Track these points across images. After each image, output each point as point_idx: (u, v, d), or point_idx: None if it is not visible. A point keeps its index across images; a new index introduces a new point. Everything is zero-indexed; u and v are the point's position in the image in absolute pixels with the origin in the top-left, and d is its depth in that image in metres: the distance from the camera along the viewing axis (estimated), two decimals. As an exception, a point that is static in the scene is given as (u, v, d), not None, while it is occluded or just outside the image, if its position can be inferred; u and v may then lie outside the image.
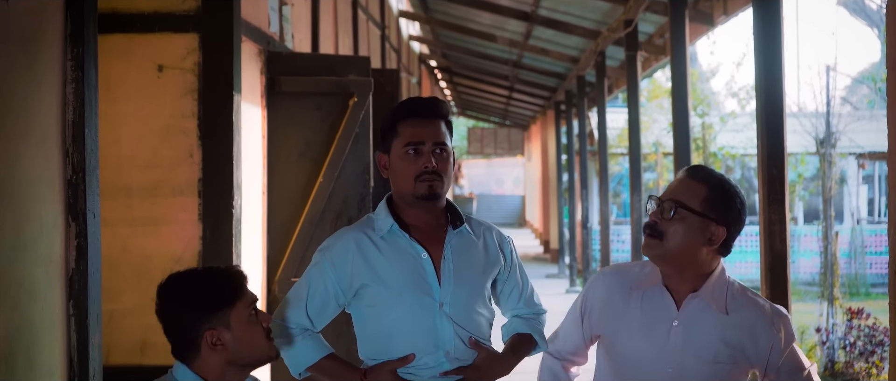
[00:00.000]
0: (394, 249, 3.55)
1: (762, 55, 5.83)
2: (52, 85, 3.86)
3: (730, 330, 3.58)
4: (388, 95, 8.26)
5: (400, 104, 3.60)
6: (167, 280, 3.23)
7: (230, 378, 3.26)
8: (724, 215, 3.53)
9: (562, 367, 3.89)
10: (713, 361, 3.56)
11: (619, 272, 3.76)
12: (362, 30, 12.67)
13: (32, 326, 3.68)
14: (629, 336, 3.65)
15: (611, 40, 13.14)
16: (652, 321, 3.62)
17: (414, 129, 3.50)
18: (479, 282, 3.63)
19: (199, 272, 3.29)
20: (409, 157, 3.48)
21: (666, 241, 3.53)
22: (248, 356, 3.24)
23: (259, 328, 3.25)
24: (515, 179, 48.16)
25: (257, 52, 7.00)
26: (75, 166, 3.94)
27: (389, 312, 3.53)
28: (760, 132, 5.89)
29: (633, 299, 3.66)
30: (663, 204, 3.54)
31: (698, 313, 3.59)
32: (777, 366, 3.61)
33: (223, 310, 3.20)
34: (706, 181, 3.55)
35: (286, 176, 7.24)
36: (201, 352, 3.20)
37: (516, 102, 28.28)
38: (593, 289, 3.79)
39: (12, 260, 3.56)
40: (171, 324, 3.23)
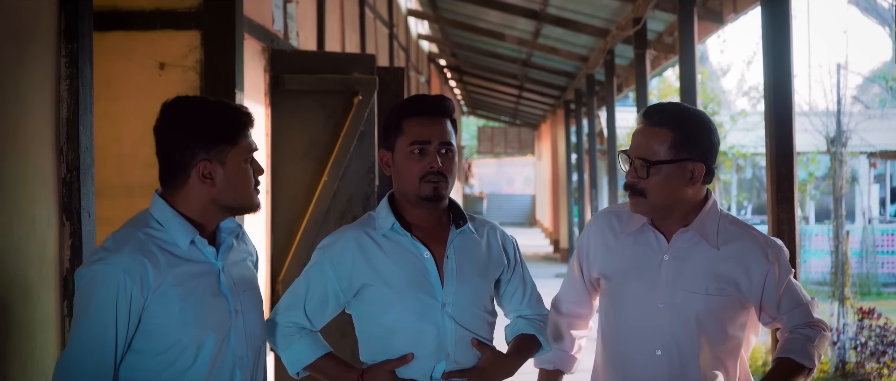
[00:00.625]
0: (395, 248, 3.49)
1: (771, 53, 5.76)
2: (45, 81, 3.79)
3: (721, 263, 3.55)
4: (394, 94, 8.18)
5: (405, 101, 3.52)
6: (175, 100, 3.19)
7: (209, 216, 3.20)
8: (697, 150, 3.49)
9: (567, 324, 3.89)
10: (704, 294, 3.53)
11: (612, 213, 3.77)
12: (370, 28, 12.60)
13: (25, 327, 3.62)
14: (623, 275, 3.65)
15: (620, 38, 13.07)
16: (643, 257, 3.61)
17: (420, 128, 3.43)
18: (481, 282, 3.56)
19: (209, 102, 3.24)
20: (414, 156, 3.41)
21: (649, 197, 3.52)
22: (233, 200, 3.19)
23: (250, 175, 3.21)
24: (525, 179, 48.10)
25: (260, 50, 6.94)
26: (70, 165, 3.88)
27: (390, 312, 3.46)
28: (769, 131, 5.82)
29: (625, 238, 3.66)
30: (634, 163, 3.50)
31: (689, 248, 3.57)
32: (774, 300, 3.56)
33: (223, 146, 3.15)
34: (668, 124, 3.50)
35: (290, 175, 7.18)
36: (188, 182, 3.16)
37: (526, 102, 28.23)
38: (588, 232, 3.80)
39: (3, 260, 3.49)
40: (168, 145, 3.16)
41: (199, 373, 3.13)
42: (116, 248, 3.05)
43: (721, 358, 3.58)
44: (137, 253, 3.04)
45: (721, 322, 3.55)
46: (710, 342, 3.55)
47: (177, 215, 3.15)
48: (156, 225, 3.15)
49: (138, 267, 3.03)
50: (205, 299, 3.15)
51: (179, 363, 3.10)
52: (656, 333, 3.57)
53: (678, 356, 3.56)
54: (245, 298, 3.30)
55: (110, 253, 3.03)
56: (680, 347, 3.55)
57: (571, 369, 3.92)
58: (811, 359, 3.51)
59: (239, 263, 3.33)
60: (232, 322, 3.22)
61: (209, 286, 3.18)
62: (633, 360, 3.64)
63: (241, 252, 3.38)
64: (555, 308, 3.93)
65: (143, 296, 3.04)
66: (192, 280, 3.13)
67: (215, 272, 3.21)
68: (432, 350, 3.45)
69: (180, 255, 3.14)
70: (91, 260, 3.06)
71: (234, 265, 3.30)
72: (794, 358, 3.52)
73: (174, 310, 3.08)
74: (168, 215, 3.15)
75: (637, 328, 3.62)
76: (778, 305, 3.57)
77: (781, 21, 5.80)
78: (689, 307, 3.54)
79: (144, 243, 3.08)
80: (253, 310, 3.33)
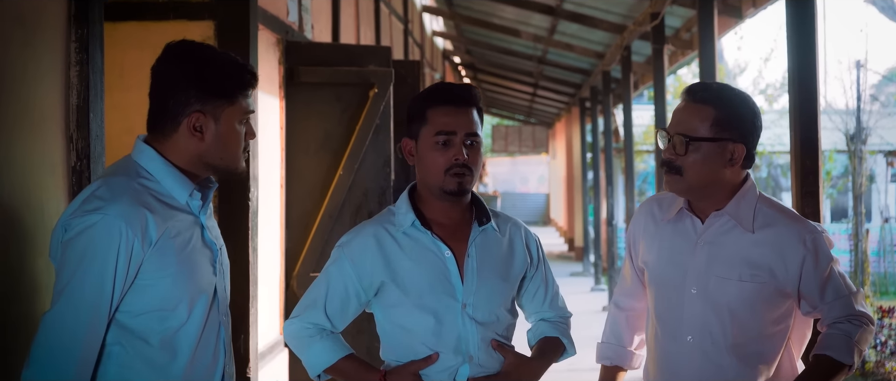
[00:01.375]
0: (415, 246, 3.38)
1: (796, 43, 5.64)
2: (55, 66, 3.69)
3: (755, 248, 3.43)
4: (410, 87, 8.09)
5: (431, 89, 3.40)
6: (182, 42, 3.07)
7: (195, 170, 3.08)
8: (738, 131, 3.40)
9: (625, 319, 3.82)
10: (737, 280, 3.42)
11: (654, 200, 3.70)
12: (385, 23, 12.51)
13: (33, 319, 3.51)
14: (659, 261, 3.58)
15: (637, 34, 12.95)
16: (679, 243, 3.53)
17: (446, 117, 3.32)
18: (504, 282, 3.46)
19: (216, 52, 3.11)
20: (439, 147, 3.31)
21: (686, 175, 3.42)
22: (220, 159, 3.08)
23: (241, 137, 3.10)
24: (540, 178, 48.02)
25: (275, 42, 6.85)
26: (80, 153, 3.78)
27: (409, 312, 3.37)
28: (794, 124, 5.70)
29: (665, 224, 3.58)
30: (673, 139, 3.40)
31: (724, 233, 3.47)
32: (813, 289, 3.41)
33: (220, 101, 3.03)
34: (711, 101, 3.41)
35: (305, 168, 7.09)
36: (178, 131, 3.03)
37: (541, 100, 28.13)
38: (634, 220, 3.74)
39: (9, 250, 3.39)
40: (163, 87, 3.05)
41: (192, 331, 3.04)
42: (113, 197, 2.90)
43: (759, 350, 3.45)
44: (137, 204, 2.91)
45: (756, 311, 3.43)
46: (744, 332, 3.44)
47: (170, 166, 3.02)
48: (147, 175, 3.01)
49: (140, 218, 2.90)
50: (196, 255, 3.06)
51: (171, 321, 2.99)
52: (689, 319, 3.49)
53: (710, 343, 3.46)
54: (222, 257, 3.23)
55: (107, 202, 2.88)
56: (712, 334, 3.46)
57: (632, 364, 3.84)
58: (850, 355, 3.37)
59: (210, 217, 3.23)
60: (216, 280, 3.15)
61: (198, 241, 3.08)
62: (666, 346, 3.57)
63: (211, 208, 3.27)
64: (614, 304, 3.88)
65: (143, 250, 2.91)
66: (185, 233, 3.03)
67: (200, 226, 3.11)
68: (453, 352, 3.35)
69: (175, 206, 3.02)
70: (83, 209, 2.89)
71: (209, 219, 3.20)
72: (831, 355, 3.37)
73: (171, 265, 2.97)
74: (159, 166, 3.02)
75: (671, 314, 3.54)
76: (818, 294, 3.42)
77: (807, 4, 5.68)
78: (722, 294, 3.44)
79: (141, 193, 2.95)
80: (227, 271, 3.27)
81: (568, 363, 4.15)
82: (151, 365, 2.99)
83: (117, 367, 2.96)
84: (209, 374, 3.13)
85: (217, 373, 3.16)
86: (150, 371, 2.98)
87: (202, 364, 3.10)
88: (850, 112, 12.90)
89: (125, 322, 2.96)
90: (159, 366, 3.00)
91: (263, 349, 6.37)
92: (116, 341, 2.95)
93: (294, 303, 6.83)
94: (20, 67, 3.46)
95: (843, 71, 21.59)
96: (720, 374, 3.45)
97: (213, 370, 3.14)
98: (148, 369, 2.98)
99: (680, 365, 3.52)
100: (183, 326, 3.03)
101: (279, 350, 6.84)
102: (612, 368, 3.84)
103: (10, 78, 3.41)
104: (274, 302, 6.84)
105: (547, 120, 34.95)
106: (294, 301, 6.88)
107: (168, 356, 3.01)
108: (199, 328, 3.07)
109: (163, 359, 3.00)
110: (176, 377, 3.02)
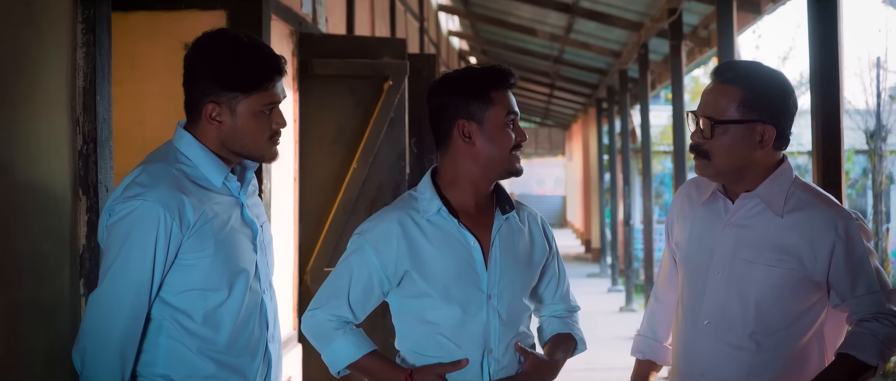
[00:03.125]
0: (440, 234, 3.29)
1: (817, 27, 5.55)
2: (60, 48, 3.61)
3: (784, 233, 3.29)
4: (425, 81, 7.97)
5: (488, 70, 3.33)
6: (210, 33, 3.16)
7: (224, 154, 3.18)
8: (768, 111, 3.26)
9: (662, 311, 3.72)
10: (764, 265, 3.29)
11: (693, 182, 3.59)
12: (400, 20, 12.44)
13: (38, 305, 3.45)
14: (689, 242, 3.48)
15: (654, 31, 12.86)
16: (709, 224, 3.42)
17: (512, 100, 3.31)
18: (526, 273, 3.39)
19: (240, 43, 3.16)
20: (509, 128, 3.28)
21: (714, 159, 3.30)
22: (241, 147, 3.17)
23: (266, 126, 3.16)
24: (556, 180, 47.99)
25: (289, 33, 6.78)
26: (86, 136, 3.70)
27: (435, 304, 3.27)
28: (815, 115, 5.61)
29: (699, 206, 3.48)
30: (700, 122, 3.29)
31: (753, 216, 3.34)
32: (842, 280, 3.25)
33: (234, 93, 3.10)
34: (737, 81, 3.28)
35: (318, 162, 7.03)
36: (201, 118, 3.14)
37: (557, 101, 28.07)
38: (672, 204, 3.66)
39: (13, 234, 3.31)
40: (186, 76, 3.17)
41: (234, 307, 3.17)
42: (152, 183, 3.04)
43: (779, 340, 3.31)
44: (175, 189, 3.04)
45: (780, 299, 3.29)
46: (765, 319, 3.30)
47: (206, 151, 3.14)
48: (185, 160, 3.14)
49: (177, 203, 3.04)
50: (235, 235, 3.17)
51: (213, 298, 3.13)
52: (709, 302, 3.37)
53: (727, 328, 3.34)
54: (264, 234, 3.33)
55: (146, 189, 3.02)
56: (730, 320, 3.34)
57: (666, 359, 3.71)
58: (875, 356, 3.19)
59: (252, 194, 3.36)
60: (257, 257, 3.25)
61: (237, 220, 3.20)
62: (682, 328, 3.47)
63: (254, 186, 3.40)
64: (653, 295, 3.78)
65: (181, 233, 3.05)
66: (223, 215, 3.15)
67: (240, 205, 3.23)
68: (476, 345, 3.27)
69: (212, 189, 3.14)
70: (125, 195, 3.03)
71: (249, 197, 3.31)
72: (855, 355, 3.21)
73: (209, 246, 3.10)
74: (197, 151, 3.14)
75: (693, 296, 3.42)
76: (848, 286, 3.26)
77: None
78: (746, 278, 3.31)
79: (179, 179, 3.08)
80: (269, 245, 3.39)
81: (584, 362, 4.10)
82: (197, 338, 3.14)
83: (167, 339, 3.13)
84: (254, 345, 3.27)
85: (261, 344, 3.30)
86: (196, 343, 3.14)
87: (245, 337, 3.23)
88: (870, 112, 12.79)
89: (170, 300, 3.11)
90: (204, 338, 3.15)
91: (276, 343, 6.29)
92: (164, 316, 3.12)
93: (308, 298, 6.77)
94: (25, 48, 3.39)
95: (863, 69, 21.49)
96: (734, 361, 3.33)
97: (257, 342, 3.28)
98: (194, 341, 3.14)
99: (694, 350, 3.42)
100: (224, 303, 3.16)
101: (292, 345, 6.77)
102: (645, 362, 3.74)
103: (15, 59, 3.35)
104: (287, 297, 6.77)
105: (563, 122, 34.91)
106: (307, 296, 6.82)
107: (212, 331, 3.16)
108: (240, 304, 3.20)
109: (207, 333, 3.15)
110: (221, 348, 3.17)
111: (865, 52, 34.73)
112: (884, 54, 21.47)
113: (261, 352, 3.28)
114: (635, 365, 3.75)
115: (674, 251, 3.63)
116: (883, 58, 13.39)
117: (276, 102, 3.15)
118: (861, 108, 13.34)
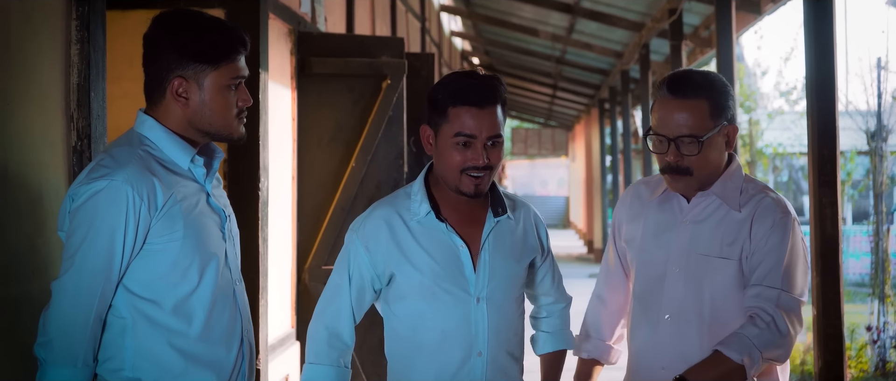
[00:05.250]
0: (429, 235, 3.29)
1: (813, 28, 5.56)
2: (55, 44, 3.63)
3: (740, 226, 3.36)
4: (424, 80, 8.01)
5: (454, 83, 3.24)
6: (168, 11, 3.08)
7: (189, 135, 3.09)
8: (728, 112, 3.36)
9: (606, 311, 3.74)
10: (718, 257, 3.35)
11: (642, 182, 3.65)
12: (401, 20, 12.44)
13: (31, 300, 3.46)
14: (643, 239, 3.51)
15: (655, 32, 12.88)
16: (664, 221, 3.47)
17: (469, 120, 3.18)
18: (516, 273, 3.39)
19: (201, 17, 3.10)
20: (458, 148, 3.19)
21: (696, 174, 3.37)
22: (209, 124, 3.08)
23: (233, 102, 3.09)
24: (559, 180, 48.01)
25: (287, 32, 6.78)
26: (80, 132, 3.72)
27: (419, 305, 3.28)
28: (811, 112, 5.63)
29: (651, 202, 3.52)
30: (676, 142, 3.31)
31: (709, 212, 3.41)
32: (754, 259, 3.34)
33: (201, 65, 3.03)
34: (701, 93, 3.33)
35: (317, 160, 7.03)
36: (166, 97, 3.05)
37: (560, 101, 28.09)
38: (619, 204, 3.68)
39: (8, 229, 3.33)
40: (147, 55, 3.07)
41: (205, 295, 3.06)
42: (119, 165, 2.94)
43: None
44: (143, 169, 2.95)
45: (735, 292, 3.36)
46: (722, 314, 3.36)
47: (169, 133, 3.05)
48: (149, 143, 3.04)
49: (146, 184, 2.94)
50: (203, 218, 3.08)
51: (182, 286, 3.03)
52: (668, 298, 3.42)
53: (686, 322, 3.39)
54: (231, 224, 3.25)
55: (113, 169, 2.92)
56: (689, 314, 3.39)
57: (610, 359, 3.75)
58: (741, 355, 3.22)
59: (217, 186, 3.25)
60: (226, 245, 3.17)
61: (204, 206, 3.11)
62: (643, 325, 3.51)
63: (219, 179, 3.29)
64: (596, 295, 3.78)
65: (150, 215, 2.95)
66: (191, 198, 3.06)
67: (205, 193, 3.14)
68: (465, 348, 3.27)
69: (178, 173, 3.05)
70: (90, 177, 2.93)
71: (215, 188, 3.22)
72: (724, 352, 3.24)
73: (178, 229, 3.00)
74: (160, 134, 3.05)
75: (651, 292, 3.47)
76: (752, 266, 3.33)
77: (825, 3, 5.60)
78: (701, 272, 3.38)
79: (146, 160, 2.99)
80: (237, 237, 3.31)
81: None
82: (166, 330, 3.02)
83: (133, 340, 3.00)
84: (228, 337, 3.16)
85: (235, 336, 3.18)
86: (166, 336, 3.02)
87: (220, 327, 3.12)
88: (871, 113, 12.76)
89: (136, 290, 2.99)
90: (174, 330, 3.03)
91: (274, 341, 6.31)
92: (129, 311, 3.00)
93: (306, 296, 6.79)
94: (19, 44, 3.41)
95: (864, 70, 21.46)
96: (694, 354, 3.35)
97: (231, 334, 3.17)
98: (163, 334, 3.02)
99: (655, 344, 3.45)
100: (195, 290, 3.05)
101: (290, 343, 6.78)
102: (589, 361, 3.75)
103: (9, 54, 3.36)
104: (285, 295, 6.78)
105: (566, 122, 34.93)
106: (306, 294, 6.83)
107: (183, 322, 3.04)
108: (212, 292, 3.09)
109: (177, 324, 3.03)
110: (193, 339, 3.06)
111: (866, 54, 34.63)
112: (885, 55, 21.48)
113: (236, 344, 3.17)
114: (578, 364, 3.76)
115: (622, 251, 3.66)
116: (884, 59, 13.35)
117: (242, 76, 3.10)
118: (862, 109, 13.30)
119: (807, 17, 5.57)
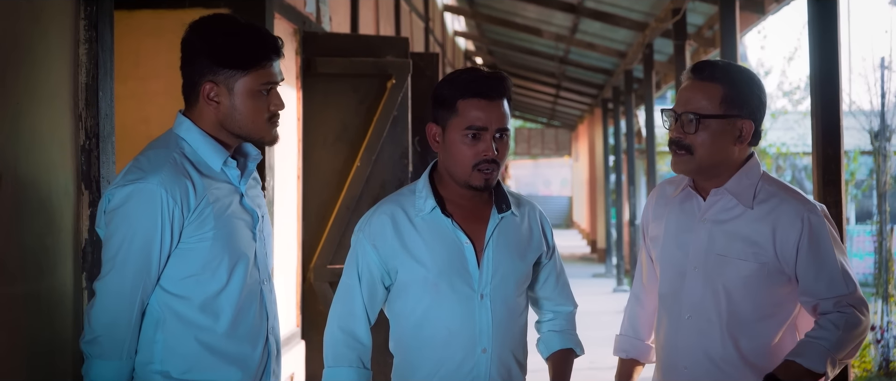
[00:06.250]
0: (433, 230, 3.30)
1: (817, 27, 5.57)
2: (63, 43, 3.64)
3: (753, 225, 3.37)
4: (428, 80, 8.03)
5: (462, 77, 3.28)
6: (207, 16, 3.17)
7: (222, 137, 3.17)
8: (747, 108, 3.37)
9: (643, 311, 3.76)
10: (736, 258, 3.37)
11: (667, 181, 3.68)
12: (405, 20, 12.46)
13: (40, 298, 3.48)
14: (665, 238, 3.54)
15: (659, 31, 12.89)
16: (684, 221, 3.50)
17: (478, 112, 3.21)
18: (520, 270, 3.39)
19: (238, 23, 3.18)
20: (468, 141, 3.21)
21: (695, 153, 3.39)
22: (239, 128, 3.16)
23: (264, 106, 3.15)
24: (562, 180, 47.97)
25: (292, 32, 6.81)
26: (89, 131, 3.74)
27: (423, 301, 3.29)
28: (815, 110, 5.62)
29: (672, 204, 3.55)
30: (681, 118, 3.35)
31: (725, 210, 3.43)
32: (807, 275, 3.32)
33: (232, 71, 3.10)
34: (718, 79, 3.37)
35: (322, 160, 7.05)
36: (199, 100, 3.13)
37: (563, 101, 28.09)
38: (647, 204, 3.72)
39: (16, 228, 3.35)
40: (183, 58, 3.17)
41: (233, 294, 3.14)
42: (153, 168, 3.03)
43: (755, 332, 3.39)
44: (177, 172, 3.04)
45: (753, 291, 3.37)
46: (740, 313, 3.39)
47: (205, 135, 3.13)
48: (185, 146, 3.13)
49: (180, 187, 3.03)
50: (235, 220, 3.16)
51: (211, 284, 3.11)
52: (688, 297, 3.45)
53: (706, 322, 3.42)
54: (264, 224, 3.32)
55: (147, 173, 3.02)
56: (708, 313, 3.41)
57: (650, 358, 3.77)
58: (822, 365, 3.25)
59: (254, 186, 3.34)
60: (256, 246, 3.25)
61: (237, 207, 3.19)
62: (665, 324, 3.53)
63: (256, 179, 3.39)
64: (633, 296, 3.82)
65: (183, 216, 3.04)
66: (224, 200, 3.14)
67: (239, 194, 3.22)
68: (470, 345, 3.28)
69: (211, 175, 3.13)
70: (126, 180, 3.03)
71: (251, 189, 3.30)
72: (799, 362, 3.27)
73: (209, 229, 3.08)
74: (196, 136, 3.13)
75: (673, 291, 3.50)
76: (811, 280, 3.33)
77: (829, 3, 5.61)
78: (719, 272, 3.40)
79: (180, 163, 3.07)
80: (269, 238, 3.38)
81: (588, 362, 4.11)
82: (195, 326, 3.12)
83: (163, 334, 3.11)
84: (255, 334, 3.25)
85: (262, 334, 3.27)
86: (194, 332, 3.12)
87: (246, 325, 3.21)
88: (874, 112, 12.76)
89: (167, 287, 3.10)
90: (202, 326, 3.13)
91: (279, 340, 6.31)
92: (160, 307, 3.11)
93: (311, 295, 6.81)
94: (27, 43, 3.42)
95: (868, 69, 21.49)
96: (714, 354, 3.40)
97: (258, 331, 3.26)
98: (191, 330, 3.12)
99: (678, 344, 3.49)
100: (223, 289, 3.15)
101: (296, 343, 6.80)
102: (628, 361, 3.78)
103: (18, 54, 3.38)
104: (290, 294, 6.80)
105: (570, 122, 34.92)
106: (311, 293, 6.85)
107: (210, 318, 3.14)
108: (240, 291, 3.18)
109: (205, 321, 3.13)
110: (220, 335, 3.15)
111: (870, 53, 34.66)
112: (888, 55, 21.48)
113: (262, 342, 3.25)
114: (619, 364, 3.79)
115: (650, 250, 3.69)
116: (887, 58, 13.35)
117: (273, 81, 3.15)
118: (866, 108, 13.30)
119: (811, 16, 5.57)
